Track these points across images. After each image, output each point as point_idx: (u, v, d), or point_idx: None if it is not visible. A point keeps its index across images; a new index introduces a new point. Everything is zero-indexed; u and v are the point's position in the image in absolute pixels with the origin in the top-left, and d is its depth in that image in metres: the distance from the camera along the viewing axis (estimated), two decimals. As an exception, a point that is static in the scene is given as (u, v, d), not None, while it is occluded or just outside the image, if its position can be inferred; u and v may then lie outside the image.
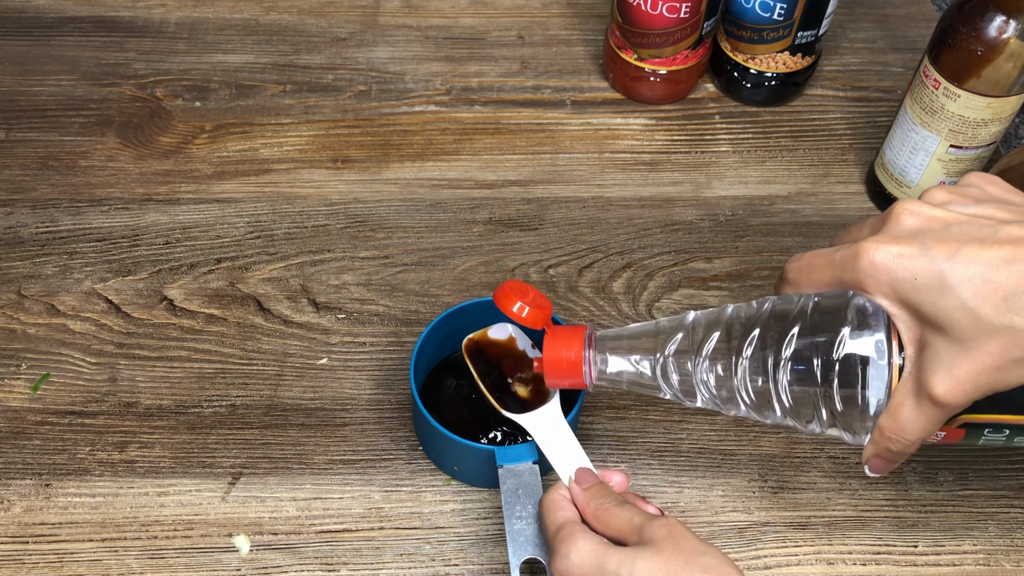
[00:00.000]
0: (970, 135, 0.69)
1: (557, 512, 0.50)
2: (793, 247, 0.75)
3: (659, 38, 0.79)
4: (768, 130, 0.83)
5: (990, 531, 0.61)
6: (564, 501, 0.51)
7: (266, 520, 0.60)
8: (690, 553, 0.45)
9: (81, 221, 0.74)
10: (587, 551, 0.47)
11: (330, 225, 0.75)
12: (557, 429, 0.55)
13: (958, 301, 0.42)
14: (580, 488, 0.51)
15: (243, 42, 0.88)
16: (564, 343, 0.52)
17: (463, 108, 0.84)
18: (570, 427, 0.56)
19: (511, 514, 0.54)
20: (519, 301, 0.53)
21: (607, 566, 0.45)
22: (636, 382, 0.52)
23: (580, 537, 0.47)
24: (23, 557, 0.58)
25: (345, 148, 0.80)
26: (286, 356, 0.67)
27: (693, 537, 0.46)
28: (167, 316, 0.69)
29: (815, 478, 0.63)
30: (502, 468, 0.56)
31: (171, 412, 0.64)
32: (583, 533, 0.48)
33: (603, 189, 0.78)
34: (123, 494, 0.60)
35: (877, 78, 0.88)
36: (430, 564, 0.58)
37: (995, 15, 0.63)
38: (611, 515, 0.49)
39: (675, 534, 0.46)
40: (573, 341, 0.52)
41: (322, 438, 0.63)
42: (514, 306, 0.53)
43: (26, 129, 0.80)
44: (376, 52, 0.88)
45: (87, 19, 0.89)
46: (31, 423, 0.63)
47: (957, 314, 0.42)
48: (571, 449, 0.54)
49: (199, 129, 0.81)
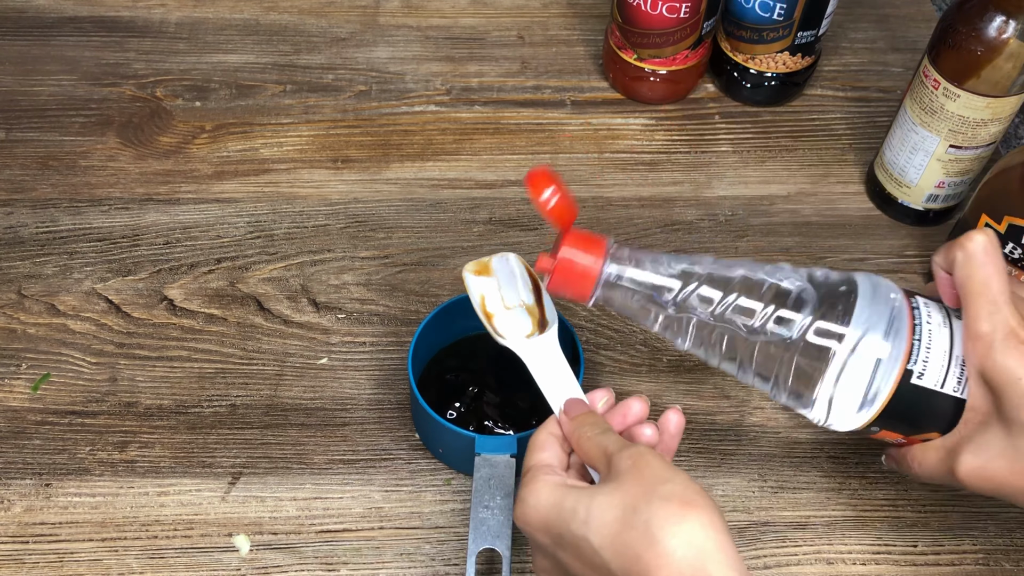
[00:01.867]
0: (970, 135, 0.69)
1: (533, 454, 0.48)
2: (793, 247, 0.75)
3: (659, 38, 0.79)
4: (768, 130, 0.83)
5: (990, 531, 0.61)
6: (547, 440, 0.49)
7: (266, 520, 0.60)
8: (652, 482, 0.42)
9: (81, 221, 0.74)
10: (545, 493, 0.45)
11: (330, 225, 0.75)
12: (552, 359, 0.54)
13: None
14: (567, 418, 0.49)
15: (243, 42, 0.88)
16: (585, 246, 0.50)
17: (463, 108, 0.84)
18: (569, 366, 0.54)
19: (479, 502, 0.54)
20: (552, 186, 0.49)
21: (564, 504, 0.44)
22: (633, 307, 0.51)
23: (540, 479, 0.46)
24: (23, 557, 0.58)
25: (345, 148, 0.80)
26: (286, 356, 0.67)
27: (660, 464, 0.43)
28: (167, 316, 0.69)
29: (815, 478, 0.63)
30: (479, 456, 0.56)
31: (171, 412, 0.64)
32: (545, 476, 0.46)
33: (603, 189, 0.78)
34: (123, 494, 0.60)
35: (877, 78, 0.88)
36: (430, 564, 0.58)
37: (995, 15, 0.63)
38: (589, 444, 0.47)
39: (640, 464, 0.43)
40: (593, 247, 0.50)
41: (322, 438, 0.63)
42: (544, 192, 0.48)
43: (26, 129, 0.80)
44: (376, 52, 0.88)
45: (87, 19, 0.89)
46: (31, 423, 0.63)
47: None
48: (565, 381, 0.53)
49: (199, 129, 0.81)
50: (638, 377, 0.67)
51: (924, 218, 0.76)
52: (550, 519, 0.44)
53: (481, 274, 0.58)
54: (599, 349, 0.68)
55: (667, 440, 0.50)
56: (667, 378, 0.67)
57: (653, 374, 0.67)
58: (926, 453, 0.50)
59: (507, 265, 0.58)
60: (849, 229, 0.76)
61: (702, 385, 0.67)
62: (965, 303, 0.47)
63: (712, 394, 0.66)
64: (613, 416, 0.50)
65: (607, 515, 0.42)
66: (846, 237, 0.76)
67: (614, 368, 0.67)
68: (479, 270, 0.58)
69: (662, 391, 0.66)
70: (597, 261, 0.50)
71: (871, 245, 0.75)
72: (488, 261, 0.58)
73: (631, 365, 0.67)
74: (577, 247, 0.50)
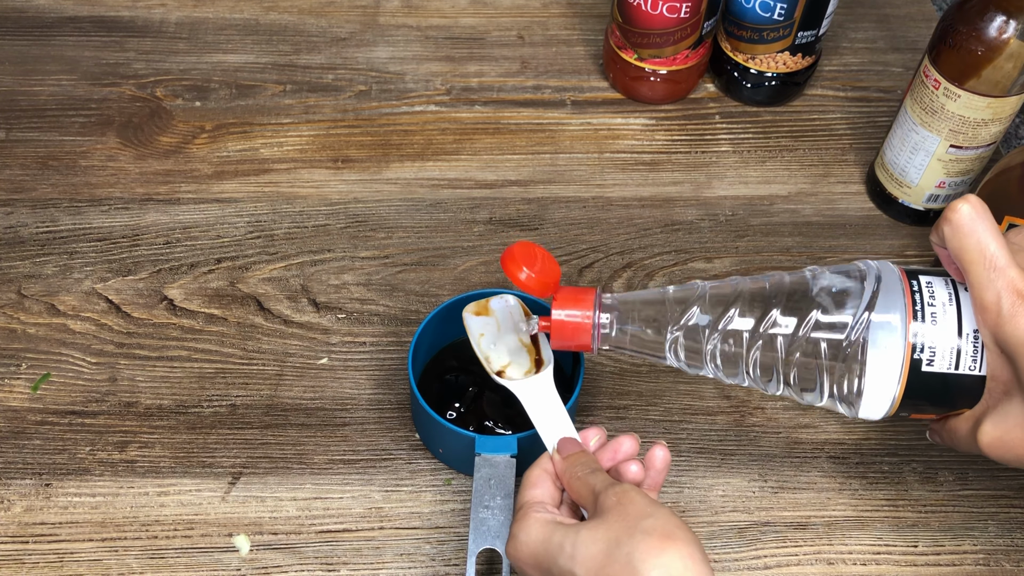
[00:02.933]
0: (970, 135, 0.69)
1: (526, 491, 0.50)
2: (793, 247, 0.75)
3: (659, 38, 0.79)
4: (768, 130, 0.83)
5: (990, 531, 0.61)
6: (540, 477, 0.51)
7: (266, 520, 0.60)
8: (635, 518, 0.44)
9: (81, 221, 0.74)
10: (535, 530, 0.47)
11: (330, 225, 0.75)
12: (547, 399, 0.56)
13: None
14: (560, 457, 0.51)
15: (243, 42, 0.88)
16: (573, 304, 0.52)
17: (463, 108, 0.84)
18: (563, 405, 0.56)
19: (479, 503, 0.55)
20: (526, 268, 0.52)
21: (552, 540, 0.46)
22: (641, 349, 0.52)
23: (530, 516, 0.48)
24: (23, 557, 0.58)
25: (345, 148, 0.80)
26: (286, 356, 0.67)
27: (643, 501, 0.45)
28: (167, 316, 0.69)
29: (815, 478, 0.63)
30: (479, 456, 0.56)
31: (171, 412, 0.64)
32: (535, 512, 0.48)
33: (603, 189, 0.78)
34: (123, 494, 0.60)
35: (877, 78, 0.88)
36: (430, 564, 0.58)
37: (995, 15, 0.63)
38: (579, 483, 0.49)
39: (624, 500, 0.45)
40: (582, 303, 0.52)
41: (322, 438, 0.63)
42: (521, 274, 0.52)
43: (26, 129, 0.80)
44: (376, 52, 0.88)
45: (87, 19, 0.89)
46: (31, 423, 0.63)
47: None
48: (559, 420, 0.54)
49: (199, 129, 0.81)
50: (638, 377, 0.67)
51: (924, 218, 0.76)
52: (539, 554, 0.46)
53: (480, 314, 0.59)
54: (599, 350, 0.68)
55: (652, 476, 0.51)
56: (667, 378, 0.67)
57: (653, 375, 0.67)
58: (958, 425, 0.50)
59: (506, 306, 0.60)
60: (849, 229, 0.76)
61: (702, 385, 0.67)
62: (965, 275, 0.47)
63: (712, 394, 0.66)
64: (604, 453, 0.52)
65: (592, 549, 0.44)
66: (846, 237, 0.76)
67: (614, 368, 0.67)
68: (479, 310, 0.59)
69: (662, 391, 0.66)
70: (587, 314, 0.52)
71: (871, 245, 0.75)
72: (487, 302, 0.60)
73: (631, 366, 0.67)
74: (566, 306, 0.53)
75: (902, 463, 0.63)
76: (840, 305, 0.49)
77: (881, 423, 0.65)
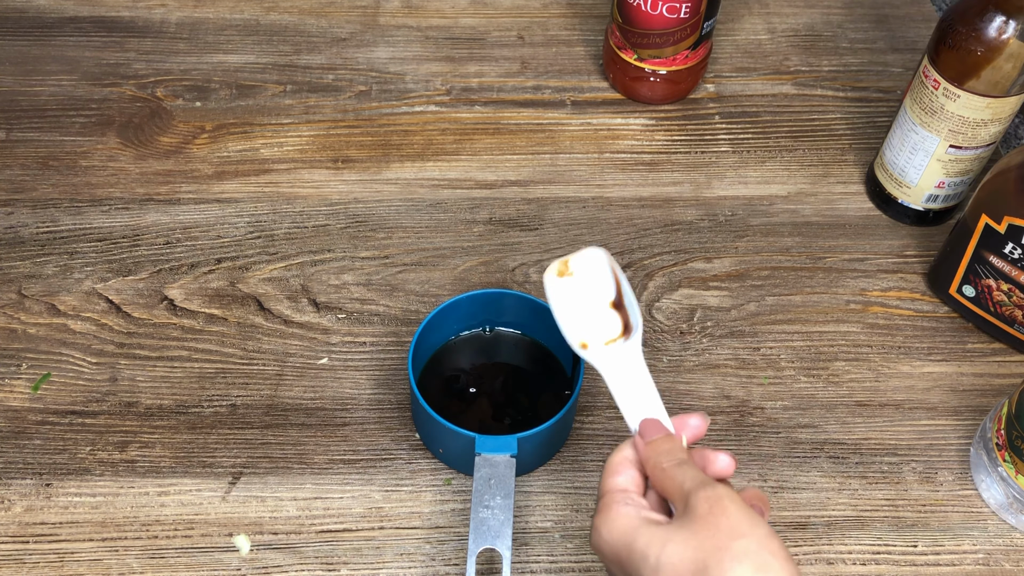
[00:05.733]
0: (970, 135, 0.69)
1: (608, 478, 0.46)
2: (793, 247, 0.75)
3: (659, 38, 0.79)
4: (768, 130, 0.83)
5: (990, 531, 0.61)
6: (622, 464, 0.47)
7: (266, 520, 0.60)
8: (728, 536, 0.40)
9: (81, 221, 0.74)
10: (618, 526, 0.43)
11: (330, 225, 0.75)
12: (635, 371, 0.50)
13: None
14: (643, 442, 0.47)
15: (243, 42, 0.88)
16: None
17: (463, 108, 0.84)
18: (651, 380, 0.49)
19: (479, 502, 0.54)
20: None
21: (636, 545, 0.42)
22: None
23: (615, 509, 0.44)
24: (23, 557, 0.58)
25: (345, 148, 0.80)
26: (286, 356, 0.67)
27: (738, 514, 0.41)
28: (167, 316, 0.69)
29: (815, 478, 0.63)
30: (479, 456, 0.56)
31: (171, 412, 0.64)
32: (620, 504, 0.44)
33: (603, 189, 0.78)
34: (123, 494, 0.60)
35: (877, 78, 0.88)
36: (430, 564, 0.58)
37: (995, 15, 0.63)
38: (666, 477, 0.45)
39: (716, 509, 0.41)
40: None
41: (322, 438, 0.63)
42: None
43: (26, 129, 0.80)
44: (376, 52, 0.88)
45: (87, 19, 0.89)
46: (32, 423, 0.63)
47: None
48: (646, 396, 0.49)
49: (199, 129, 0.81)
50: (638, 377, 0.67)
51: (924, 218, 0.76)
52: (622, 556, 0.43)
53: (563, 275, 0.52)
54: (599, 349, 0.68)
55: None
56: (667, 378, 0.67)
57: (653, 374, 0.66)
58: None
59: (590, 263, 0.53)
60: (849, 229, 0.77)
61: (702, 385, 0.67)
62: None
63: (712, 394, 0.66)
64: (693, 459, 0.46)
65: (678, 567, 0.40)
66: (846, 237, 0.76)
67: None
68: (560, 271, 0.53)
69: (661, 391, 0.66)
70: None
71: (871, 245, 0.75)
72: (566, 260, 0.53)
73: (631, 365, 0.67)
74: None
75: (902, 463, 0.63)
76: None
77: (881, 422, 0.65)
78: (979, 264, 0.67)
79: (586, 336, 0.51)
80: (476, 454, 0.56)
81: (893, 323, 0.71)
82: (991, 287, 0.67)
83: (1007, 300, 0.67)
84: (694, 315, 0.70)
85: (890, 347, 0.69)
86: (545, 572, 0.58)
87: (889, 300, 0.72)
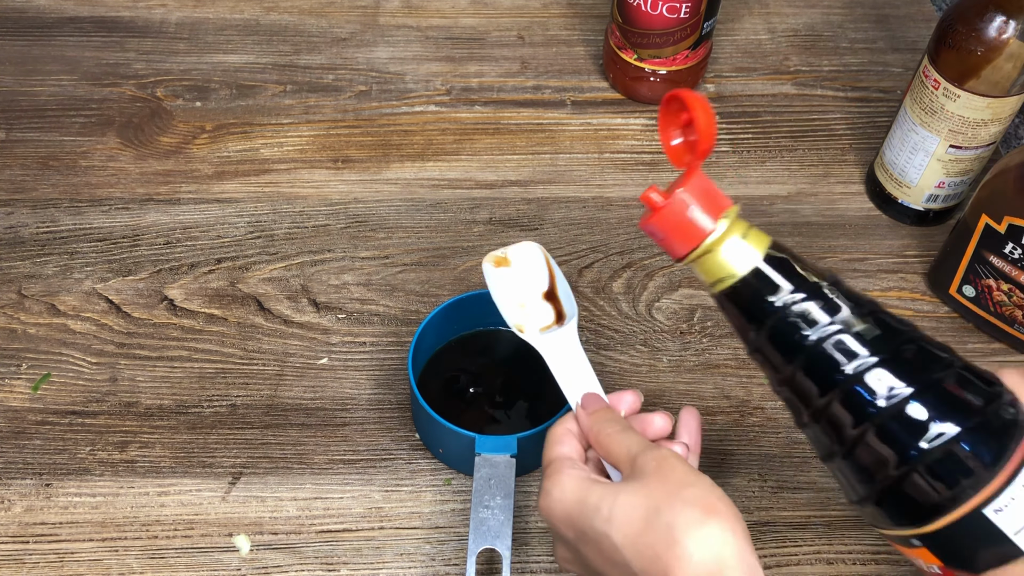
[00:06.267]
0: (970, 135, 0.69)
1: (552, 447, 0.49)
2: (793, 247, 0.75)
3: (659, 38, 0.79)
4: (768, 130, 0.83)
5: (990, 531, 0.61)
6: (566, 435, 0.49)
7: (266, 520, 0.60)
8: (676, 485, 0.43)
9: (81, 221, 0.74)
10: (569, 487, 0.45)
11: (330, 225, 0.75)
12: (571, 353, 0.54)
13: None
14: (585, 413, 0.50)
15: (243, 42, 0.88)
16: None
17: (463, 108, 0.84)
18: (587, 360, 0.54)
19: (479, 502, 0.54)
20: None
21: (588, 500, 0.44)
22: None
23: (564, 472, 0.46)
24: (23, 557, 0.58)
25: (345, 148, 0.80)
26: (286, 356, 0.67)
27: (684, 468, 0.44)
28: (167, 316, 0.69)
29: (815, 478, 0.63)
30: (479, 456, 0.56)
31: (171, 412, 0.64)
32: (569, 468, 0.46)
33: (603, 189, 0.78)
34: (123, 494, 0.60)
35: (877, 78, 0.88)
36: (430, 564, 0.58)
37: (995, 15, 0.63)
38: (612, 441, 0.47)
39: (665, 466, 0.44)
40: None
41: (322, 438, 0.63)
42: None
43: (26, 129, 0.80)
44: (376, 52, 0.88)
45: (87, 19, 0.89)
46: (31, 423, 0.63)
47: None
48: (584, 375, 0.53)
49: (199, 129, 0.81)
50: (639, 377, 0.67)
51: (924, 218, 0.76)
52: (573, 514, 0.45)
53: (501, 265, 0.57)
54: (599, 349, 0.68)
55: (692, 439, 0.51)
56: (667, 378, 0.67)
57: (653, 374, 0.67)
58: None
59: (526, 255, 0.58)
60: (849, 229, 0.77)
61: (702, 385, 0.67)
62: None
63: (712, 394, 0.66)
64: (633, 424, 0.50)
65: (630, 514, 0.42)
66: (846, 237, 0.76)
67: (614, 368, 0.67)
68: (498, 261, 0.58)
69: (662, 391, 0.66)
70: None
71: (871, 245, 0.75)
72: (506, 252, 0.58)
73: (631, 365, 0.67)
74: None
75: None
76: None
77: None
78: (979, 264, 0.67)
79: (522, 321, 0.56)
80: (476, 454, 0.56)
81: (893, 323, 0.71)
82: (991, 287, 0.67)
83: (1007, 300, 0.67)
84: (694, 315, 0.70)
85: (890, 347, 0.69)
86: (545, 572, 0.58)
87: (889, 300, 0.72)
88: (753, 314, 0.43)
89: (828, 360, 0.42)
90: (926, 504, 0.41)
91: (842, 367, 0.41)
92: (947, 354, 0.42)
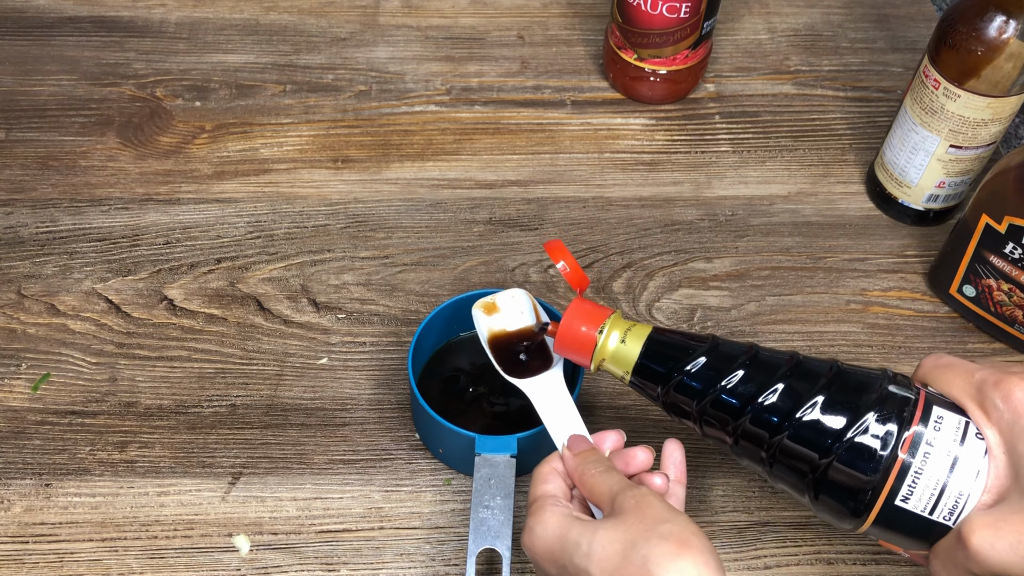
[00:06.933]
0: (970, 135, 0.69)
1: (538, 486, 0.50)
2: (793, 247, 0.75)
3: (659, 38, 0.79)
4: (768, 130, 0.83)
5: (990, 531, 0.61)
6: (551, 474, 0.51)
7: (266, 520, 0.60)
8: (653, 521, 0.44)
9: (81, 221, 0.74)
10: (552, 524, 0.47)
11: (330, 225, 0.75)
12: (557, 396, 0.55)
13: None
14: (571, 454, 0.51)
15: (243, 42, 0.88)
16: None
17: (463, 108, 0.84)
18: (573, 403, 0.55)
19: (479, 503, 0.54)
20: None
21: (568, 536, 0.46)
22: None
23: (548, 510, 0.48)
24: (23, 557, 0.58)
25: (345, 148, 0.80)
26: (286, 356, 0.67)
27: (662, 505, 0.45)
28: (167, 316, 0.69)
29: (815, 478, 0.63)
30: (479, 456, 0.56)
31: (171, 412, 0.64)
32: (552, 506, 0.48)
33: (603, 189, 0.78)
34: (123, 494, 0.60)
35: (877, 78, 0.88)
36: (430, 564, 0.58)
37: (995, 15, 0.63)
38: (595, 481, 0.49)
39: (643, 503, 0.45)
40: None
41: (322, 438, 0.63)
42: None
43: (26, 129, 0.80)
44: (376, 52, 0.88)
45: (87, 19, 0.89)
46: (31, 423, 0.63)
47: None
48: (569, 417, 0.54)
49: (199, 129, 0.81)
50: (638, 377, 0.67)
51: (924, 218, 0.76)
52: (555, 550, 0.46)
53: (490, 312, 0.59)
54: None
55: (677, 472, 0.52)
56: (667, 378, 0.67)
57: (653, 374, 0.67)
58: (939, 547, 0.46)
59: (514, 302, 0.59)
60: (849, 229, 0.76)
61: (702, 385, 0.67)
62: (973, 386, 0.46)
63: (712, 394, 0.66)
64: (616, 461, 0.51)
65: (608, 549, 0.44)
66: (846, 237, 0.76)
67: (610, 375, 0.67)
68: (488, 308, 0.59)
69: (662, 391, 0.66)
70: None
71: (871, 245, 0.75)
72: (494, 299, 0.59)
73: (631, 365, 0.67)
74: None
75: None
76: None
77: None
78: (979, 264, 0.67)
79: None
80: (476, 454, 0.56)
81: (893, 323, 0.71)
82: (991, 287, 0.67)
83: (1007, 300, 0.67)
84: (694, 315, 0.70)
85: (890, 347, 0.69)
86: (545, 572, 0.58)
87: (889, 300, 0.72)
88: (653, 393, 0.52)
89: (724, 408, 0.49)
90: (847, 508, 0.47)
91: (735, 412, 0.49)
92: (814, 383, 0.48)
